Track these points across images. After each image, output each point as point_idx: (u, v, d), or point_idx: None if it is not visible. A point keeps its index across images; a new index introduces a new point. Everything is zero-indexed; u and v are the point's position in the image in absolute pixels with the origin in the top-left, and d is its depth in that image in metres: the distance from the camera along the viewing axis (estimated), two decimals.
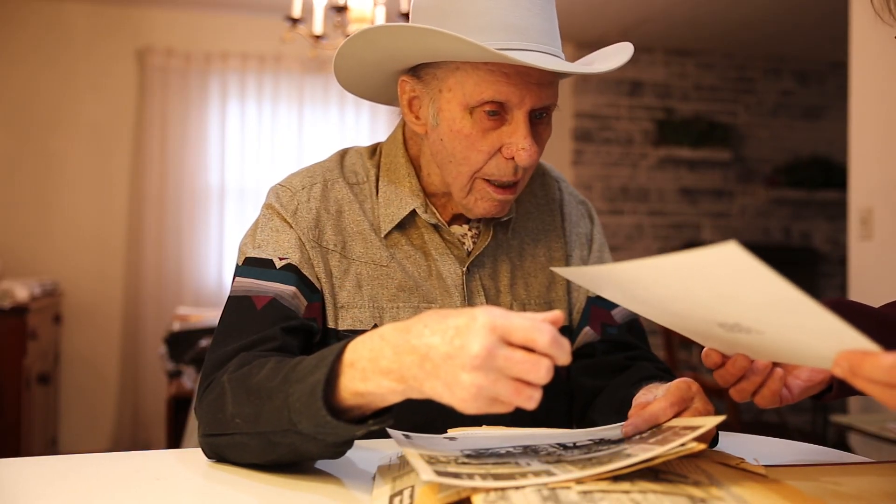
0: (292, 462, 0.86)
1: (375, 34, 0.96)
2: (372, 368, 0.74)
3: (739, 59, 5.57)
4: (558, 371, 1.10)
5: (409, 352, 0.71)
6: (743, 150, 5.57)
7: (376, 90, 1.12)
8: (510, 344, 0.68)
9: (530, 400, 0.68)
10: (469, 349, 0.67)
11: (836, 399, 0.90)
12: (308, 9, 3.85)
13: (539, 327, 0.68)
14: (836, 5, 3.93)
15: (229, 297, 1.02)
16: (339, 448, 0.81)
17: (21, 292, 3.56)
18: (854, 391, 0.84)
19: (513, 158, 0.99)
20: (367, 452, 0.93)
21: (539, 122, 1.01)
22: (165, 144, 4.60)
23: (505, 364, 0.67)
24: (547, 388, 1.09)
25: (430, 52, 0.98)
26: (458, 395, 0.68)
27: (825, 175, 5.47)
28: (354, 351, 0.76)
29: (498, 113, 0.98)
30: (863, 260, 3.02)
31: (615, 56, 1.04)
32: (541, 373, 0.67)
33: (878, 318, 0.91)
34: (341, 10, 3.36)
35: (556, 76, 1.00)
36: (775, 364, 0.84)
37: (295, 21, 3.41)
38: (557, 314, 0.72)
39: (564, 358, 0.69)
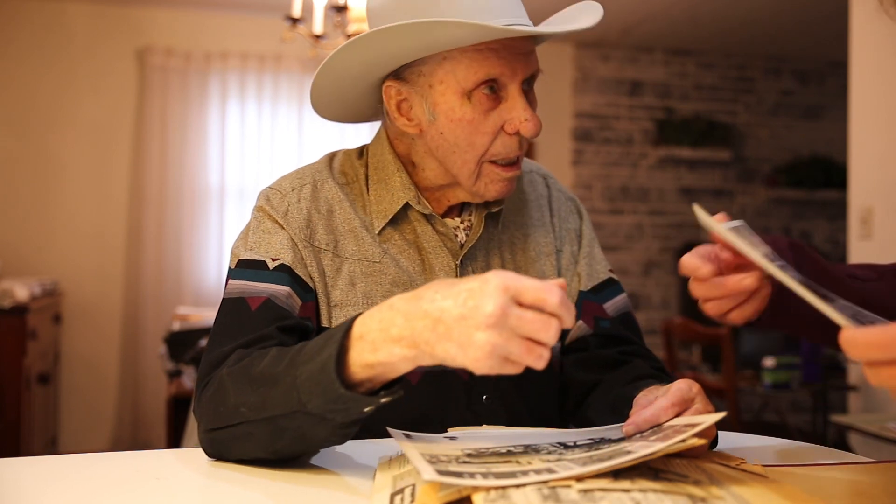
0: (295, 455, 0.86)
1: (375, 36, 0.96)
2: (382, 338, 0.76)
3: (739, 59, 5.57)
4: (551, 365, 1.11)
5: (422, 317, 0.73)
6: (743, 150, 5.57)
7: (352, 107, 1.12)
8: (520, 305, 0.71)
9: (540, 359, 0.71)
10: (483, 308, 0.69)
11: (769, 326, 0.92)
12: (308, 9, 3.85)
13: (549, 288, 0.71)
14: (836, 4, 3.93)
15: (223, 299, 1.02)
16: (347, 430, 0.81)
17: (21, 292, 3.56)
18: (784, 320, 0.90)
19: (517, 133, 1.01)
20: (368, 451, 0.93)
21: (528, 92, 1.03)
22: (165, 144, 4.60)
23: (517, 323, 0.70)
24: (540, 382, 1.09)
25: (424, 47, 0.98)
26: (472, 354, 0.70)
27: (825, 175, 5.47)
28: (363, 324, 0.78)
29: (493, 91, 0.99)
30: (863, 260, 3.02)
31: (586, 12, 1.05)
32: (550, 332, 0.70)
33: (825, 270, 0.94)
34: (341, 9, 3.36)
35: (533, 44, 1.03)
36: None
37: (295, 21, 3.42)
38: (562, 280, 0.74)
39: (571, 320, 0.72)
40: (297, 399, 0.80)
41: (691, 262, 0.84)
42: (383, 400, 0.78)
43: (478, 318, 0.69)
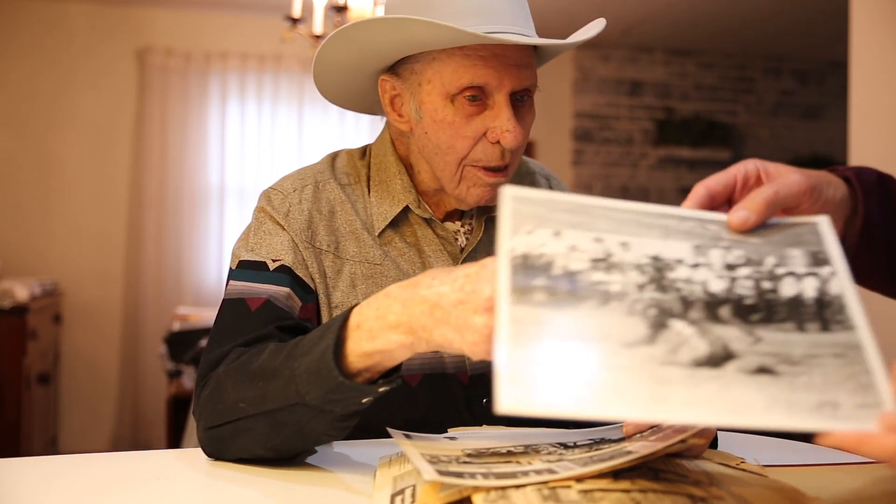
0: (294, 451, 0.87)
1: (354, 30, 0.97)
2: (379, 326, 0.76)
3: (739, 59, 5.57)
4: None
5: (419, 302, 0.74)
6: (743, 150, 5.57)
7: (356, 96, 1.12)
8: None
9: None
10: (481, 292, 0.70)
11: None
12: (308, 9, 3.85)
13: None
14: (836, 4, 3.93)
15: (223, 300, 1.02)
16: (345, 423, 0.82)
17: (21, 292, 3.56)
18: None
19: (498, 142, 1.00)
20: (368, 451, 0.93)
21: (521, 104, 1.02)
22: (165, 144, 4.60)
23: None
24: None
25: (406, 44, 0.98)
26: (469, 338, 0.70)
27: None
28: (359, 314, 0.78)
29: (479, 98, 0.99)
30: None
31: (587, 32, 1.05)
32: None
33: None
34: (341, 10, 3.36)
35: (534, 57, 1.02)
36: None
37: (295, 21, 3.42)
38: None
39: None
40: (295, 391, 0.80)
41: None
42: (381, 389, 0.78)
43: (476, 301, 0.70)
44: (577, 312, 0.61)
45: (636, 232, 0.66)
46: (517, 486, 0.66)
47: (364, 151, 1.16)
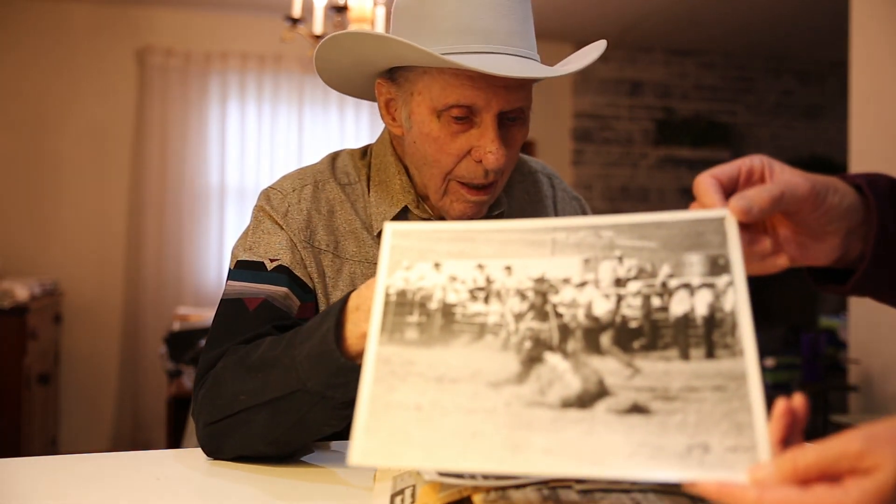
0: (294, 445, 0.87)
1: (344, 40, 0.98)
2: None
3: (739, 59, 5.57)
4: None
5: None
6: (743, 150, 5.57)
7: (359, 88, 1.13)
8: None
9: None
10: None
11: (851, 293, 0.73)
12: (308, 9, 3.85)
13: None
14: (836, 5, 3.93)
15: (221, 300, 1.02)
16: (345, 411, 0.82)
17: (21, 292, 3.56)
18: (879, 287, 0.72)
19: (481, 161, 0.99)
20: None
21: (512, 124, 1.01)
22: (165, 144, 4.60)
23: None
24: None
25: (393, 58, 0.99)
26: None
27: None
28: (359, 296, 0.80)
29: (466, 116, 0.98)
30: None
31: (585, 57, 1.03)
32: None
33: None
34: (341, 10, 3.36)
35: (530, 80, 1.00)
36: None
37: (295, 21, 3.42)
38: None
39: None
40: (296, 378, 0.81)
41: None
42: None
43: None
44: (448, 350, 0.59)
45: (522, 252, 0.62)
46: (517, 486, 0.66)
47: (365, 151, 1.16)
